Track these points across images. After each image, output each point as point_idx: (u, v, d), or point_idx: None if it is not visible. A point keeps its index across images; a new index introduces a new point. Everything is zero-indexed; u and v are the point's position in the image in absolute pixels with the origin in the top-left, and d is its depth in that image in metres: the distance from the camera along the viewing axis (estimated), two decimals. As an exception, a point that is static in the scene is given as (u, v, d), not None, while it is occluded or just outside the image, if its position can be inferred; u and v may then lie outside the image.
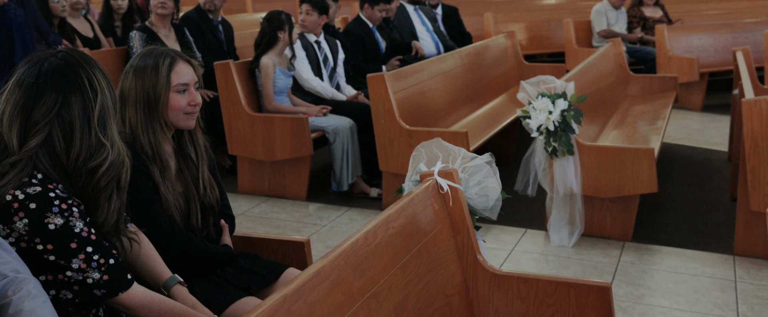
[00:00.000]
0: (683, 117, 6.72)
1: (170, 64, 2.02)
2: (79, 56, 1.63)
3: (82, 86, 1.59)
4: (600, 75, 5.43)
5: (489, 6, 9.64)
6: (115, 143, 1.63)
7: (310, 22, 4.80)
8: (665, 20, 7.91)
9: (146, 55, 2.02)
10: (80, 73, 1.60)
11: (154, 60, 2.01)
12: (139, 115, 1.99)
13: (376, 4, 5.57)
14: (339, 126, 4.40)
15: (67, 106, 1.57)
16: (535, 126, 3.73)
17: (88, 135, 1.59)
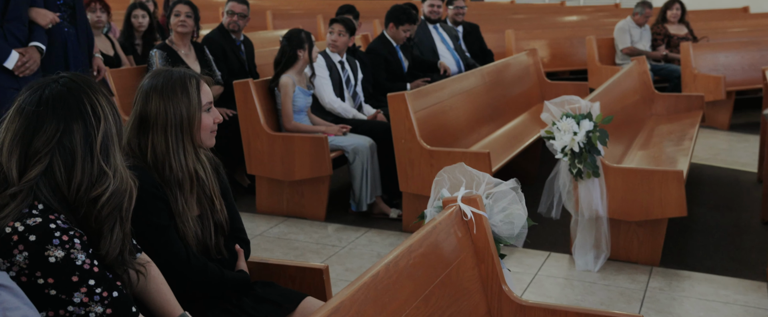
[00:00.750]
0: (710, 136, 6.58)
1: (198, 84, 1.98)
2: (83, 82, 1.58)
3: (85, 113, 1.54)
4: (625, 93, 5.33)
5: (510, 23, 9.59)
6: (117, 171, 1.57)
7: (342, 42, 4.79)
8: (690, 38, 7.80)
9: (166, 77, 1.96)
10: (83, 100, 1.54)
11: (180, 81, 1.96)
12: (170, 139, 1.93)
13: (400, 24, 5.52)
14: (359, 146, 4.34)
15: (68, 134, 1.52)
16: (560, 147, 3.64)
17: (90, 164, 1.53)
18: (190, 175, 1.97)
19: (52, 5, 3.72)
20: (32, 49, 3.56)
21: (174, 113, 1.94)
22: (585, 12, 11.60)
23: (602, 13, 11.32)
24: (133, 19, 5.52)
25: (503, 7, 12.70)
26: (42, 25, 3.63)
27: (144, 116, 1.95)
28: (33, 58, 3.53)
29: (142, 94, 1.97)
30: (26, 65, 3.49)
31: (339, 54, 4.82)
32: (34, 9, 3.61)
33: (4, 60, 3.45)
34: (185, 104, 1.95)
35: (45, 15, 3.63)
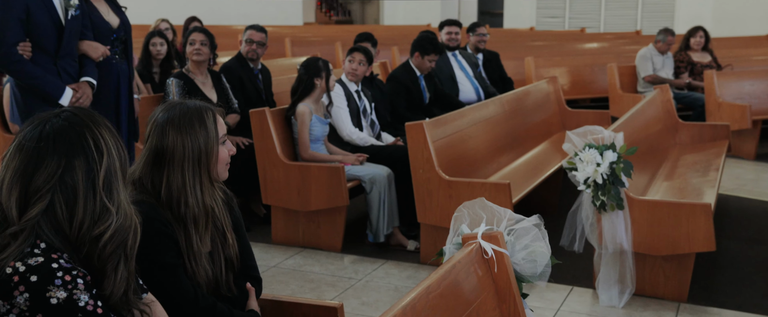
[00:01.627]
0: (736, 166, 6.44)
1: (214, 116, 1.93)
2: (85, 115, 1.52)
3: (87, 148, 1.48)
4: (648, 122, 5.23)
5: (530, 50, 9.52)
6: (121, 207, 1.51)
7: (362, 72, 4.75)
8: (714, 66, 7.67)
9: (182, 110, 1.90)
10: (85, 134, 1.49)
11: (197, 114, 1.91)
12: (186, 174, 1.88)
13: (427, 54, 5.48)
14: (376, 175, 4.27)
15: (70, 170, 1.46)
16: (582, 179, 3.54)
17: (93, 201, 1.47)
18: (206, 211, 1.91)
19: (105, 40, 3.65)
20: (84, 85, 3.52)
21: (192, 148, 1.88)
22: (605, 39, 11.51)
23: (623, 40, 11.22)
24: (151, 47, 5.52)
25: (523, 34, 12.66)
26: (93, 58, 3.57)
27: (159, 151, 1.88)
28: (86, 94, 3.49)
29: (157, 128, 1.91)
30: (80, 101, 3.45)
31: (355, 83, 4.77)
32: (86, 42, 3.56)
33: (59, 97, 3.40)
34: (203, 137, 1.90)
35: (96, 48, 3.57)
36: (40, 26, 3.35)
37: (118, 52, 3.74)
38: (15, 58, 3.32)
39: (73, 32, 3.45)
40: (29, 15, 3.32)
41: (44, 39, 3.38)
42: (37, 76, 3.36)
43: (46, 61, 3.40)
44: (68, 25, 3.41)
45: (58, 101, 3.39)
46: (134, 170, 1.91)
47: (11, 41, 3.30)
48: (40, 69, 3.38)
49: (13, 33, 3.30)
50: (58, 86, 3.41)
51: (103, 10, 3.69)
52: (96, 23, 3.62)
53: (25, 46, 3.35)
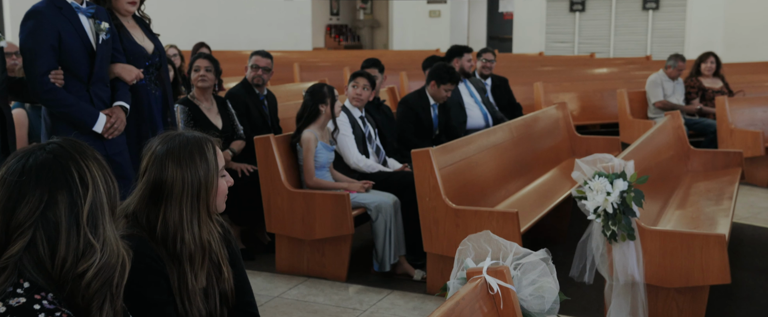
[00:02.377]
0: (749, 194, 6.32)
1: (214, 148, 1.88)
2: (71, 147, 1.46)
3: (71, 182, 1.42)
4: (659, 149, 5.14)
5: (539, 75, 9.48)
6: (107, 243, 1.44)
7: (366, 97, 4.71)
8: (726, 91, 7.59)
9: (181, 142, 1.85)
10: (69, 167, 1.43)
11: (197, 146, 1.85)
12: (185, 209, 1.81)
13: (443, 83, 5.43)
14: (381, 203, 4.20)
15: (52, 205, 1.40)
16: (592, 208, 3.46)
17: (76, 236, 1.41)
18: (203, 247, 1.84)
19: (139, 66, 3.54)
20: (118, 110, 3.41)
21: (192, 182, 1.82)
22: (615, 64, 11.46)
23: (633, 65, 11.16)
24: (158, 72, 5.49)
25: (532, 59, 12.63)
26: (127, 81, 3.45)
27: (158, 185, 1.82)
28: (120, 119, 3.38)
29: (156, 160, 1.84)
30: (114, 126, 3.35)
31: (359, 109, 4.73)
32: (119, 65, 3.45)
33: (93, 124, 3.30)
34: (203, 170, 1.84)
35: (130, 71, 3.46)
36: (72, 53, 3.26)
37: (153, 79, 3.61)
38: (47, 87, 3.22)
39: (104, 57, 3.37)
40: (61, 42, 3.23)
41: (76, 65, 3.29)
42: (70, 104, 3.26)
43: (78, 87, 3.31)
44: (99, 49, 3.33)
45: (92, 128, 3.29)
46: (129, 203, 1.85)
47: (43, 70, 3.21)
48: (73, 97, 3.28)
49: (45, 61, 3.21)
50: (92, 112, 3.31)
51: (138, 36, 3.60)
52: (130, 48, 3.52)
53: (57, 73, 3.25)
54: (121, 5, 3.50)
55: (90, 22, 3.31)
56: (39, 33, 3.19)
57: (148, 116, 3.58)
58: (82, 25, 3.29)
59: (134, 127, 3.52)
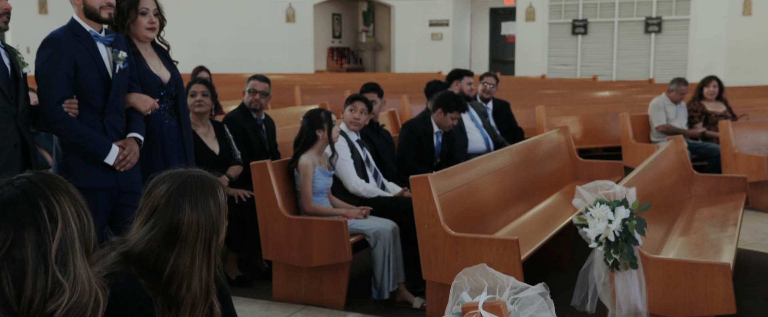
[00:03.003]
0: (754, 219, 6.24)
1: (222, 189, 1.82)
2: (42, 181, 1.41)
3: (39, 218, 1.36)
4: (662, 174, 5.08)
5: (541, 99, 9.45)
6: (78, 281, 1.37)
7: (364, 120, 4.67)
8: (729, 115, 7.54)
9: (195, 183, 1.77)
10: (38, 203, 1.37)
11: (210, 188, 1.78)
12: (197, 253, 1.75)
13: (449, 112, 5.38)
14: (380, 229, 4.13)
15: (18, 244, 1.34)
16: (594, 236, 3.40)
17: (44, 275, 1.34)
18: (207, 294, 1.77)
19: (153, 95, 3.46)
20: (131, 141, 3.32)
21: (206, 226, 1.76)
22: (618, 87, 11.43)
23: (636, 88, 11.14)
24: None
25: (534, 82, 12.61)
26: (142, 111, 3.37)
27: (174, 228, 1.73)
28: (133, 151, 3.29)
29: (170, 201, 1.74)
30: (127, 159, 3.26)
31: (356, 132, 4.68)
32: (134, 95, 3.37)
33: (105, 156, 3.21)
34: (216, 214, 1.78)
35: (145, 101, 3.37)
36: (88, 82, 3.18)
37: (168, 109, 3.52)
38: (60, 117, 3.15)
39: (120, 86, 3.28)
40: (77, 71, 3.16)
41: (91, 95, 3.21)
42: (82, 135, 3.17)
43: (92, 118, 3.22)
44: (116, 79, 3.25)
45: (104, 160, 3.21)
46: (135, 243, 1.75)
47: (56, 99, 3.13)
48: (86, 127, 3.19)
49: (60, 90, 3.13)
50: (104, 144, 3.22)
51: (155, 64, 3.52)
52: (144, 77, 3.44)
53: (72, 103, 3.17)
54: (139, 32, 3.45)
55: (108, 50, 3.25)
56: (55, 61, 3.13)
57: (159, 147, 3.48)
58: (99, 53, 3.23)
59: (145, 158, 3.43)
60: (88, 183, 3.20)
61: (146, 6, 3.44)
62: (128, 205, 3.29)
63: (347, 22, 17.97)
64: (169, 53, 3.64)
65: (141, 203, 1.80)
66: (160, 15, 3.51)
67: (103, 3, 3.21)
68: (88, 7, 3.21)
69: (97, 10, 3.21)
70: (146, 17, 3.44)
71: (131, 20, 3.42)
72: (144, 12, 3.44)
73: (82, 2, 3.21)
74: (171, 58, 3.64)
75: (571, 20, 14.99)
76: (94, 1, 3.20)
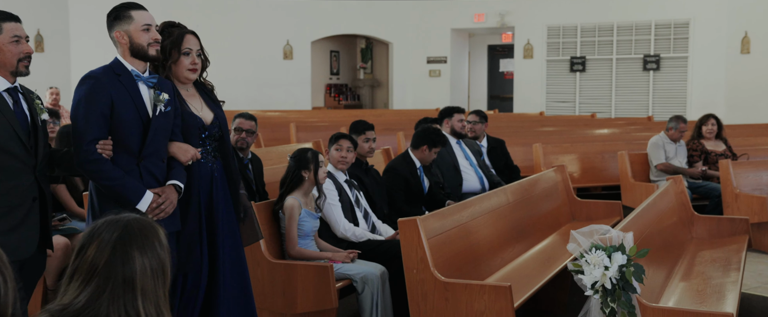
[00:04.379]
0: (757, 261, 6.07)
1: (164, 232, 1.69)
2: None
3: None
4: (661, 215, 4.93)
5: (539, 136, 9.34)
6: None
7: (351, 158, 4.54)
8: (729, 154, 7.41)
9: (137, 227, 1.64)
10: None
11: (152, 230, 1.66)
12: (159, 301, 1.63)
13: (434, 147, 5.28)
14: (368, 274, 3.97)
15: None
16: (590, 283, 3.23)
17: None
18: None
19: (194, 138, 3.25)
20: (169, 189, 3.09)
21: (157, 269, 1.64)
22: (617, 125, 11.33)
23: (634, 126, 11.04)
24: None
25: (532, 119, 12.53)
26: (182, 161, 3.16)
27: (129, 280, 1.59)
28: (169, 199, 3.06)
29: (117, 252, 1.60)
30: (161, 207, 3.03)
31: (344, 172, 4.55)
32: (175, 143, 3.16)
33: (137, 202, 3.00)
34: (164, 255, 1.66)
35: (186, 151, 3.16)
36: (125, 123, 3.00)
37: (211, 151, 3.30)
38: (92, 158, 2.96)
39: (160, 130, 3.07)
40: (114, 110, 2.98)
41: (128, 137, 3.02)
42: (114, 178, 2.97)
43: (127, 161, 3.03)
44: (155, 122, 3.05)
45: (136, 206, 2.99)
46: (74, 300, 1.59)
47: (89, 138, 2.96)
48: (120, 170, 3.00)
49: (94, 130, 2.96)
50: (138, 189, 3.00)
51: (196, 105, 3.31)
52: (185, 118, 3.23)
53: (106, 144, 2.99)
54: (180, 73, 3.26)
55: (150, 92, 3.08)
56: (91, 99, 2.96)
57: (197, 192, 3.23)
58: (140, 94, 3.05)
59: (181, 207, 3.19)
60: None
61: (189, 46, 3.26)
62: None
63: (345, 59, 17.98)
64: (213, 93, 3.43)
65: (73, 265, 1.63)
66: (202, 55, 3.33)
67: (151, 40, 3.07)
68: (135, 45, 3.05)
69: (145, 47, 3.06)
70: (189, 57, 3.26)
71: (173, 60, 3.24)
72: (187, 52, 3.25)
73: (128, 41, 3.06)
74: (215, 97, 3.42)
75: (569, 57, 14.97)
76: (141, 38, 3.05)
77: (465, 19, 15.62)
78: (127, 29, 3.06)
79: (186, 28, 3.32)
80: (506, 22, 15.26)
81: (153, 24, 3.11)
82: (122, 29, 3.07)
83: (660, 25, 14.22)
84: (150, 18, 3.10)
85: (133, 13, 3.08)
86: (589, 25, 14.76)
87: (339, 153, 4.53)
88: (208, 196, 3.27)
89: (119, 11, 3.10)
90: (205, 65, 3.36)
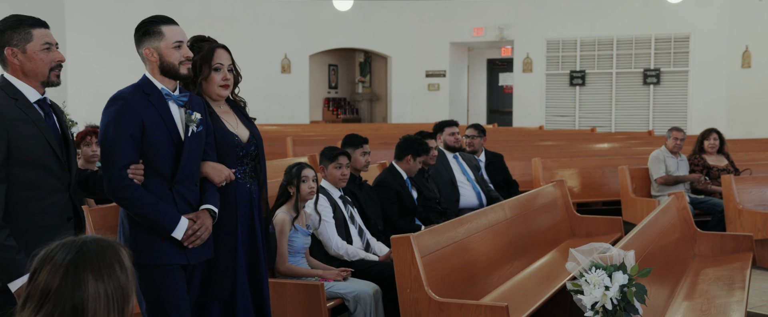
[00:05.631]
0: (761, 279, 5.93)
1: (128, 253, 1.56)
2: None
3: None
4: (663, 232, 4.81)
5: (538, 150, 9.23)
6: None
7: (348, 173, 4.42)
8: (731, 170, 7.29)
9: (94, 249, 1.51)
10: None
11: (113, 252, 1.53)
12: None
13: (419, 155, 5.19)
14: (360, 293, 3.84)
15: None
16: (590, 304, 3.10)
17: None
18: None
19: (232, 157, 3.08)
20: (204, 214, 2.91)
21: (114, 295, 1.50)
22: (617, 139, 11.22)
23: (635, 140, 10.93)
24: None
25: (531, 133, 12.42)
26: (215, 182, 2.97)
27: (79, 308, 1.46)
28: (205, 225, 2.89)
29: (68, 277, 1.47)
30: (197, 234, 2.86)
31: (338, 189, 4.43)
32: (208, 163, 2.98)
33: (172, 230, 2.83)
34: (124, 279, 1.52)
35: (220, 171, 2.98)
36: (156, 145, 2.83)
37: (248, 171, 3.14)
38: (123, 184, 2.77)
39: (193, 152, 2.91)
40: (144, 132, 2.81)
41: (160, 160, 2.84)
42: (147, 205, 2.79)
43: (160, 186, 2.86)
44: (188, 143, 2.88)
45: (172, 234, 2.83)
46: None
47: (120, 163, 2.77)
48: (153, 196, 2.82)
49: (124, 154, 2.78)
50: (172, 216, 2.83)
51: (231, 122, 3.14)
52: (222, 137, 3.05)
53: (137, 168, 2.81)
54: (212, 89, 3.10)
55: (181, 111, 2.91)
56: (120, 122, 2.78)
57: (233, 216, 3.06)
58: (171, 114, 2.88)
59: (222, 234, 3.03)
60: (154, 259, 2.84)
61: (220, 61, 3.10)
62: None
63: (344, 72, 17.91)
64: (245, 109, 3.27)
65: (26, 290, 1.51)
66: (234, 70, 3.17)
67: (182, 58, 2.89)
68: (166, 63, 2.87)
69: (176, 65, 2.88)
70: (220, 73, 3.09)
71: (203, 77, 3.08)
72: (218, 68, 3.09)
73: (158, 58, 2.88)
74: (248, 114, 3.27)
75: (569, 71, 14.89)
76: (172, 56, 2.87)
77: (464, 32, 15.56)
78: (157, 46, 2.88)
79: (216, 42, 3.14)
80: (505, 35, 15.19)
81: (185, 40, 2.93)
82: (152, 46, 2.88)
83: (660, 39, 14.16)
84: (181, 34, 2.92)
85: (163, 28, 2.89)
86: (589, 39, 14.70)
87: (340, 171, 4.40)
88: (248, 220, 3.10)
89: (149, 26, 2.90)
90: (237, 80, 3.20)
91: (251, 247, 3.12)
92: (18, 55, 2.65)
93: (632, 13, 14.14)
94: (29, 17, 2.73)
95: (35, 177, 2.62)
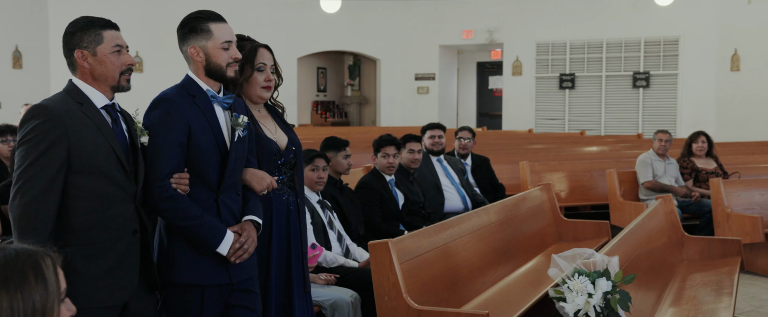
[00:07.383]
0: (750, 284, 5.86)
1: (54, 265, 1.43)
2: None
3: None
4: (650, 236, 4.72)
5: (527, 153, 9.15)
6: None
7: (325, 177, 4.30)
8: (720, 173, 7.23)
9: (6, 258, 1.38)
10: None
11: (30, 263, 1.39)
12: None
13: (384, 147, 5.11)
14: (338, 300, 3.73)
15: None
16: (572, 311, 3.01)
17: None
18: None
19: (270, 164, 2.89)
20: (248, 226, 2.70)
21: (24, 311, 1.37)
22: (606, 143, 11.16)
23: (624, 144, 10.87)
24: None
25: (520, 136, 12.35)
26: (256, 190, 2.78)
27: None
28: (250, 237, 2.68)
29: None
30: (243, 248, 2.65)
31: (317, 193, 4.31)
32: (249, 170, 2.78)
33: (217, 244, 2.60)
34: (40, 295, 1.38)
35: (262, 179, 2.78)
36: (202, 152, 2.62)
37: (286, 181, 2.95)
38: (167, 194, 2.56)
39: (238, 158, 2.71)
40: (191, 138, 2.60)
41: (206, 168, 2.64)
42: (193, 217, 2.58)
43: (205, 196, 2.65)
44: (234, 149, 2.68)
45: (217, 249, 2.61)
46: None
47: (164, 171, 2.56)
48: (198, 208, 2.61)
49: (169, 161, 2.57)
50: (218, 229, 2.62)
51: (270, 127, 2.96)
52: (260, 144, 2.87)
53: (182, 177, 2.60)
54: (253, 92, 2.91)
55: (226, 115, 2.71)
56: (166, 125, 2.58)
57: (284, 229, 2.91)
58: (217, 118, 2.68)
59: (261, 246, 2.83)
60: (194, 279, 2.62)
61: (264, 61, 2.91)
62: (242, 306, 2.72)
63: (332, 75, 17.81)
64: (283, 115, 3.10)
65: None
66: (276, 72, 2.99)
67: (230, 59, 2.68)
68: (213, 64, 2.67)
69: (224, 67, 2.68)
70: (263, 74, 2.90)
71: (245, 77, 2.88)
72: (261, 68, 2.90)
73: (204, 58, 2.68)
74: (286, 120, 3.09)
75: (559, 74, 14.83)
76: (220, 57, 2.67)
77: (453, 35, 15.48)
78: (204, 45, 2.67)
79: (257, 42, 2.96)
80: (495, 39, 15.12)
81: (234, 40, 2.72)
82: (198, 45, 2.68)
83: (650, 43, 14.12)
84: (230, 33, 2.71)
85: (212, 26, 2.68)
86: (579, 42, 14.65)
87: (315, 174, 4.27)
88: (285, 234, 2.91)
89: (196, 23, 2.69)
90: (277, 83, 3.02)
91: (286, 264, 2.92)
92: (88, 58, 2.51)
93: (622, 17, 14.10)
94: (100, 18, 2.58)
95: (97, 186, 2.44)
